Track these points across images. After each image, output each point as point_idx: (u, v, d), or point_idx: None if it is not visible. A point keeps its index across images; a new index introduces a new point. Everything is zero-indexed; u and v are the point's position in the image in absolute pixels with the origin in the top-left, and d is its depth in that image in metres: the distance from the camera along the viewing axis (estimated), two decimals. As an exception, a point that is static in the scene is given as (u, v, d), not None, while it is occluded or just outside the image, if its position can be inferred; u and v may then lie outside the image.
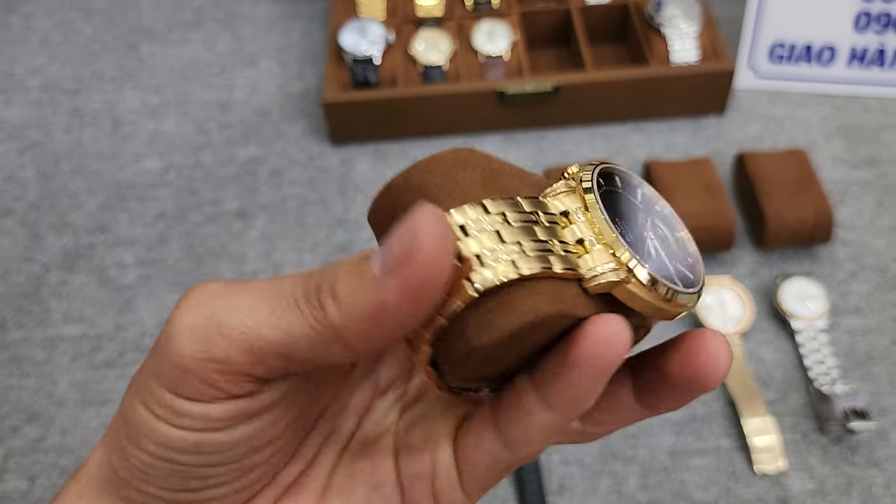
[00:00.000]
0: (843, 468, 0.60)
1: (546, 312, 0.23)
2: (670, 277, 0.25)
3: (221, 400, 0.25)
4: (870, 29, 0.79)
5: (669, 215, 0.28)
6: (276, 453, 0.29)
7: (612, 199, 0.26)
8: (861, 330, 0.66)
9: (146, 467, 0.26)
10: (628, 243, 0.25)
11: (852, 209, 0.74)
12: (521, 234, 0.23)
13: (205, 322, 0.24)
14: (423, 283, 0.21)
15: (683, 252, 0.27)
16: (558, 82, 0.77)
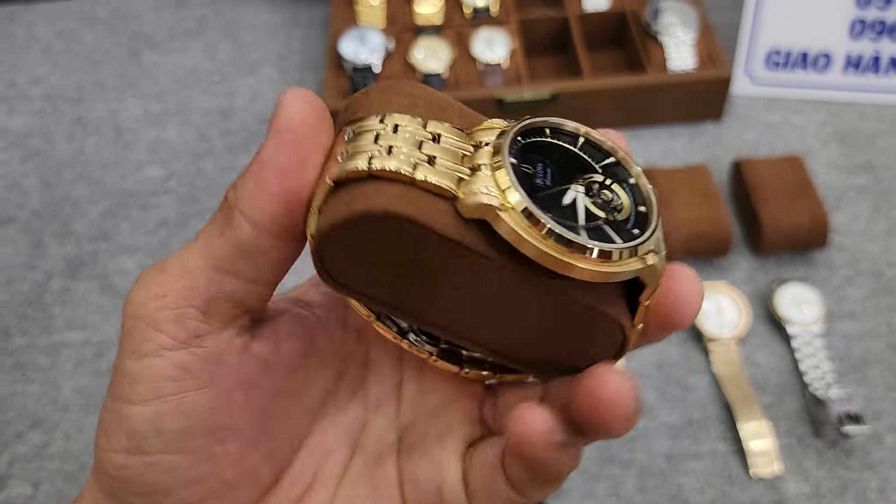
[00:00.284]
0: (838, 472, 0.60)
1: (384, 208, 0.23)
2: (572, 227, 0.23)
3: (166, 350, 0.26)
4: (865, 36, 0.80)
5: (619, 162, 0.27)
6: (244, 452, 0.29)
7: (537, 145, 0.25)
8: (856, 334, 0.67)
9: (121, 469, 0.27)
10: (537, 187, 0.24)
11: (848, 214, 0.74)
12: (408, 143, 0.24)
13: (145, 278, 0.26)
14: (286, 131, 0.24)
15: (628, 201, 0.25)
16: (556, 90, 0.78)
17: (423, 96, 0.26)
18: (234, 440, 0.28)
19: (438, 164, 0.23)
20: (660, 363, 0.66)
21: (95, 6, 1.00)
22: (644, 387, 0.65)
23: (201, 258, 0.26)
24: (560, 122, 0.27)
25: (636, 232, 0.25)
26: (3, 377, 0.68)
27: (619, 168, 0.26)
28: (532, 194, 0.23)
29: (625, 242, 0.24)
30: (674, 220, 0.69)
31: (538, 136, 0.26)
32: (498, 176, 0.23)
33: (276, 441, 0.30)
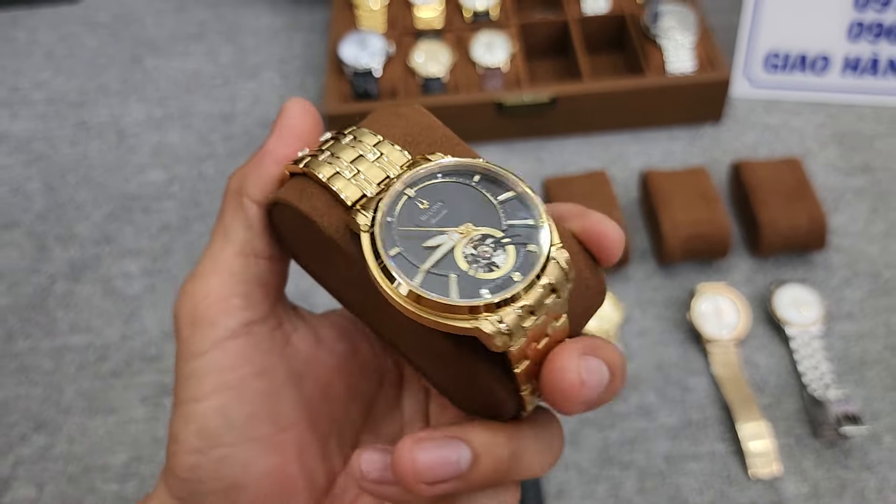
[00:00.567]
0: (837, 472, 0.60)
1: (283, 198, 0.29)
2: (410, 265, 0.26)
3: (222, 341, 0.29)
4: (863, 38, 0.80)
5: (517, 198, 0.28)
6: (302, 448, 0.31)
7: (455, 188, 0.28)
8: (855, 335, 0.67)
9: (194, 470, 0.29)
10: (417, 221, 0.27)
11: (846, 216, 0.75)
12: (350, 155, 0.28)
13: (185, 290, 0.30)
14: (286, 129, 0.31)
15: (508, 266, 0.26)
16: (556, 93, 0.79)
17: (419, 123, 0.30)
18: (293, 431, 0.31)
19: (357, 178, 0.28)
20: (659, 364, 0.66)
21: (98, 11, 1.00)
22: (643, 388, 0.65)
23: (226, 247, 0.30)
24: (494, 172, 0.28)
25: (484, 293, 0.25)
26: (7, 380, 0.69)
27: (531, 231, 0.27)
28: (402, 225, 0.27)
29: (457, 298, 0.25)
30: (673, 222, 0.69)
31: (463, 178, 0.28)
32: (380, 204, 0.27)
33: (327, 443, 0.32)
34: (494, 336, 0.25)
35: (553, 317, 0.26)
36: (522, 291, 0.25)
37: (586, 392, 0.26)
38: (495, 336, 0.25)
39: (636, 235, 0.74)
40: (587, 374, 0.26)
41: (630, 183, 0.78)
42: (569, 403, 0.26)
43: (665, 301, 0.70)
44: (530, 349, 0.26)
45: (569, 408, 0.27)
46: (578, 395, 0.26)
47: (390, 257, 0.26)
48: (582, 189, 0.72)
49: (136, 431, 0.66)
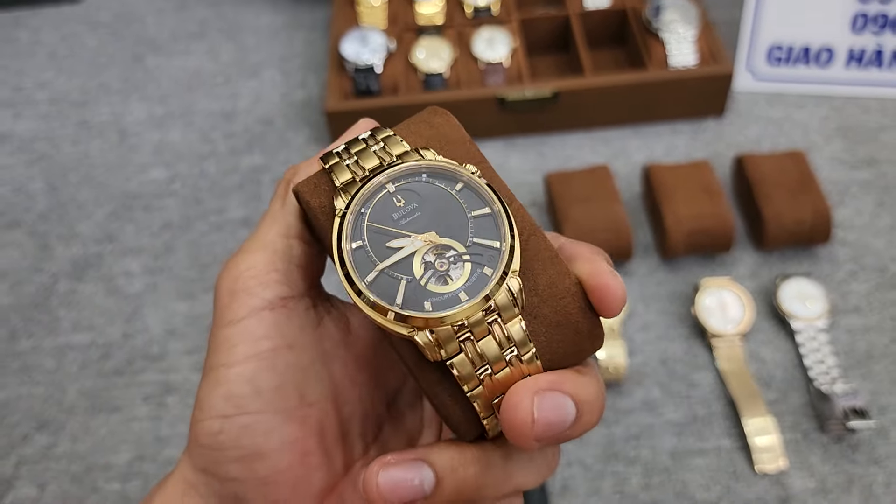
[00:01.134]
0: (844, 466, 0.60)
1: (296, 188, 0.31)
2: (368, 259, 0.28)
3: (259, 311, 0.30)
4: (867, 30, 0.80)
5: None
6: (323, 425, 0.31)
7: (435, 191, 0.29)
8: (861, 329, 0.67)
9: (217, 435, 0.30)
10: (387, 218, 0.28)
11: (851, 209, 0.74)
12: (364, 153, 0.30)
13: (230, 262, 0.32)
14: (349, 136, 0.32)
15: (459, 284, 0.28)
16: (557, 88, 0.78)
17: (447, 136, 0.31)
18: (317, 407, 0.31)
19: (354, 167, 0.29)
20: (664, 360, 0.66)
21: (99, 11, 1.00)
22: (648, 383, 0.65)
23: (272, 228, 0.31)
24: (476, 185, 0.29)
25: (427, 306, 0.27)
26: (10, 379, 0.69)
27: (492, 253, 0.28)
28: (372, 218, 0.28)
29: (394, 303, 0.27)
30: (676, 216, 0.69)
31: (445, 183, 0.29)
32: (359, 193, 0.28)
33: (348, 427, 0.33)
34: (426, 347, 0.26)
35: (501, 340, 0.27)
36: (464, 310, 0.26)
37: (539, 429, 0.27)
38: (427, 347, 0.26)
39: (639, 230, 0.74)
40: (540, 411, 0.27)
41: (633, 178, 0.77)
42: (522, 439, 0.27)
43: (669, 296, 0.70)
44: (486, 377, 0.27)
45: (523, 443, 0.27)
46: (529, 432, 0.27)
47: (352, 249, 0.27)
48: (584, 184, 0.71)
49: (138, 430, 0.65)
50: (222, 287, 0.31)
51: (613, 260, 0.70)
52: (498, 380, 0.27)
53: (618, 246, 0.69)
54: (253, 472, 0.30)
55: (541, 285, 0.29)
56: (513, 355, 0.27)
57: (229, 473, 0.30)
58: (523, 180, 0.79)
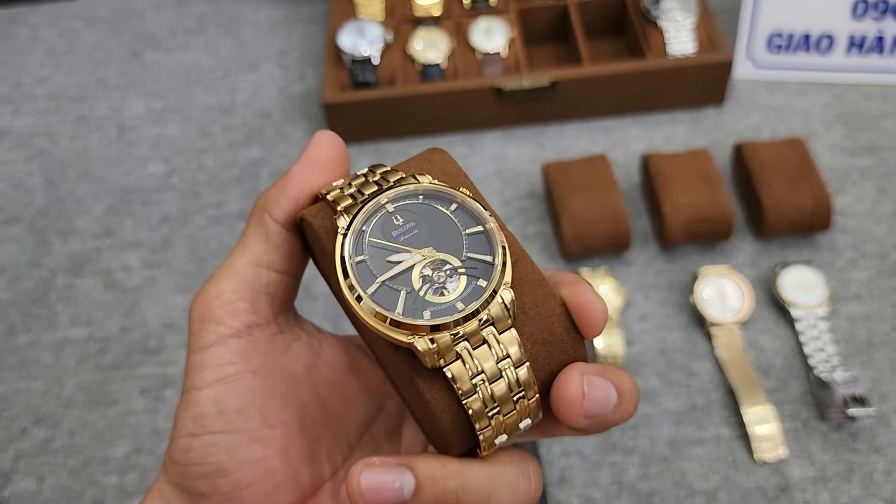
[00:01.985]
0: (844, 455, 0.59)
1: (303, 215, 0.32)
2: (369, 272, 0.29)
3: (226, 339, 0.32)
4: (868, 16, 0.79)
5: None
6: (288, 446, 0.33)
7: (430, 211, 0.31)
8: (861, 317, 0.66)
9: (187, 453, 0.31)
10: (388, 235, 0.30)
11: (852, 196, 0.73)
12: (363, 182, 0.31)
13: (202, 290, 0.33)
14: (312, 157, 0.33)
15: (455, 295, 0.29)
16: (555, 77, 0.78)
17: (444, 170, 0.33)
18: (280, 429, 0.33)
19: (357, 195, 0.31)
20: (662, 349, 0.66)
21: (97, 6, 1.00)
22: (647, 373, 0.64)
23: (242, 256, 0.33)
24: (470, 206, 0.31)
25: (426, 315, 0.28)
26: (8, 374, 0.69)
27: (485, 267, 0.29)
28: (373, 235, 0.30)
29: (395, 311, 0.28)
30: (674, 205, 0.68)
31: (440, 204, 0.31)
32: (360, 212, 0.30)
33: (316, 449, 0.34)
34: (425, 354, 0.27)
35: (496, 348, 0.28)
36: (460, 320, 0.28)
37: (588, 405, 0.29)
38: (426, 354, 0.27)
39: (637, 219, 0.73)
40: (589, 388, 0.29)
41: (632, 167, 0.77)
42: (572, 415, 0.29)
43: (668, 285, 0.69)
44: (482, 385, 0.28)
45: (573, 419, 0.29)
46: (580, 406, 0.29)
47: (354, 263, 0.29)
48: (582, 173, 0.71)
49: (136, 423, 0.65)
50: (194, 314, 0.32)
51: (612, 249, 0.70)
52: (493, 390, 0.28)
53: (616, 235, 0.69)
54: (216, 489, 0.32)
55: (528, 304, 0.30)
56: (510, 371, 0.28)
57: (196, 488, 0.32)
58: (521, 171, 0.78)
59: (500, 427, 0.29)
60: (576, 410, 0.29)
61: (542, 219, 0.75)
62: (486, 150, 0.80)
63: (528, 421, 0.30)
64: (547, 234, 0.73)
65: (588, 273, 0.69)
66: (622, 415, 0.30)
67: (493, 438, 0.29)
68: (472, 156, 0.80)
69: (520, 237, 0.73)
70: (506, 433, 0.29)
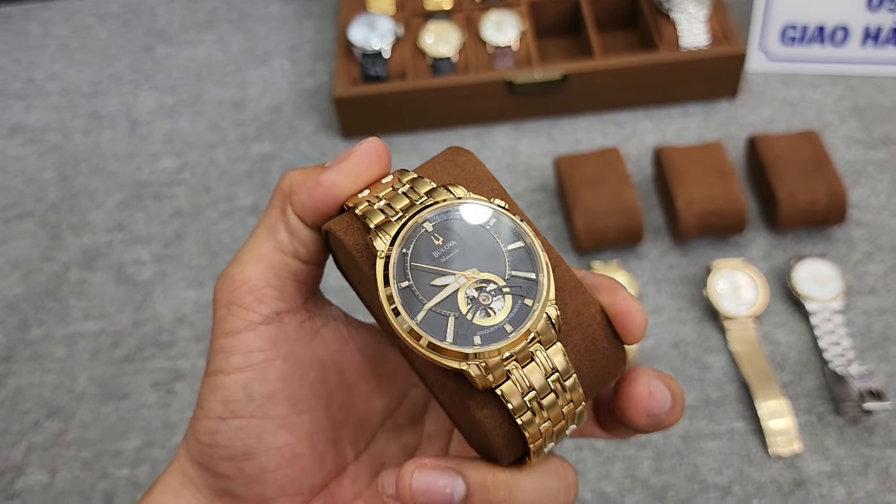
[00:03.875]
0: (860, 449, 0.59)
1: (328, 227, 0.31)
2: (417, 299, 0.28)
3: (255, 325, 0.31)
4: (883, 7, 0.78)
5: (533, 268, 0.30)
6: (314, 431, 0.33)
7: (470, 227, 0.30)
8: (877, 310, 0.65)
9: (213, 434, 0.31)
10: (429, 257, 0.29)
11: (868, 189, 0.73)
12: (392, 195, 0.30)
13: (227, 272, 0.32)
14: (348, 166, 0.31)
15: (502, 317, 0.29)
16: (567, 70, 0.77)
17: (472, 174, 0.32)
18: (308, 415, 0.33)
19: (387, 209, 0.30)
20: (676, 342, 0.65)
21: (110, 2, 1.00)
22: (660, 367, 0.64)
23: (268, 241, 0.32)
24: (510, 219, 0.30)
25: (476, 340, 0.28)
26: (21, 367, 0.69)
27: (529, 284, 0.29)
28: (414, 258, 0.29)
29: (446, 340, 0.28)
30: (687, 198, 0.68)
31: (479, 219, 0.30)
32: (400, 234, 0.29)
33: (341, 432, 0.34)
34: (477, 378, 0.27)
35: (545, 365, 0.28)
36: (511, 343, 0.28)
37: (652, 405, 0.31)
38: (478, 378, 0.27)
39: (650, 213, 0.73)
40: (654, 387, 0.31)
41: (644, 160, 0.77)
42: (637, 413, 0.31)
43: (681, 278, 0.69)
44: (534, 403, 0.28)
45: (637, 417, 0.31)
46: (647, 404, 0.31)
47: (399, 289, 0.28)
48: (594, 166, 0.70)
49: (148, 416, 0.65)
50: (220, 298, 0.32)
51: (624, 243, 0.69)
52: (543, 403, 0.28)
53: (628, 228, 0.68)
54: (241, 471, 0.32)
55: (569, 314, 0.30)
56: (557, 382, 0.28)
57: (221, 470, 0.32)
58: (533, 164, 0.78)
59: (549, 436, 0.29)
60: (641, 409, 0.31)
61: (554, 212, 0.74)
62: (497, 144, 0.80)
63: (573, 426, 0.30)
64: (559, 227, 0.73)
65: (600, 266, 0.69)
66: (673, 418, 0.32)
67: (543, 447, 0.29)
68: (484, 149, 0.80)
69: (531, 231, 0.73)
70: (554, 440, 0.29)
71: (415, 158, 0.80)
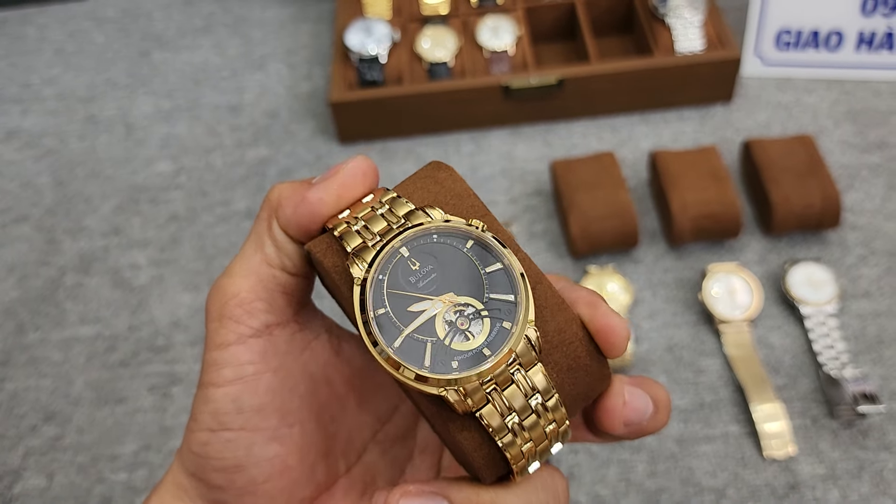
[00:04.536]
0: (854, 452, 0.59)
1: (308, 248, 0.31)
2: (394, 326, 0.28)
3: (246, 339, 0.32)
4: (877, 12, 0.79)
5: (500, 273, 0.30)
6: (305, 444, 0.33)
7: (447, 251, 0.30)
8: (871, 314, 0.66)
9: (204, 446, 0.32)
10: (406, 283, 0.29)
11: (862, 193, 0.73)
12: (368, 216, 0.30)
13: (218, 285, 0.32)
14: (335, 179, 0.31)
15: (481, 340, 0.29)
16: (563, 75, 0.78)
17: (452, 190, 0.32)
18: (298, 427, 0.33)
19: (364, 232, 0.30)
20: (670, 346, 0.65)
21: (106, 7, 1.01)
22: (655, 370, 0.64)
23: (256, 254, 0.32)
24: (486, 242, 0.30)
25: (454, 365, 0.28)
26: (18, 372, 0.69)
27: (508, 307, 0.29)
28: (391, 285, 0.29)
29: (422, 366, 0.28)
30: (682, 202, 0.68)
31: (456, 242, 0.30)
32: (376, 260, 0.29)
33: (332, 445, 0.35)
34: (457, 404, 0.27)
35: (525, 387, 0.28)
36: (490, 368, 0.28)
37: (628, 413, 0.31)
38: (456, 403, 0.27)
39: (646, 217, 0.73)
40: (630, 397, 0.31)
41: (639, 165, 0.77)
42: (613, 422, 0.31)
43: (676, 282, 0.69)
44: (515, 425, 0.28)
45: (613, 426, 0.31)
46: (620, 415, 0.31)
47: (376, 316, 0.28)
48: (589, 171, 0.71)
49: (144, 421, 0.65)
50: (212, 311, 0.32)
51: (620, 247, 0.70)
52: (524, 424, 0.28)
53: (623, 233, 0.69)
54: (232, 482, 0.32)
55: (550, 332, 0.30)
56: (538, 403, 0.28)
57: (213, 481, 0.32)
58: (529, 169, 0.78)
59: (532, 455, 0.29)
60: (616, 418, 0.31)
61: (550, 216, 0.74)
62: (493, 149, 0.80)
63: (558, 445, 0.30)
64: (555, 231, 0.73)
65: (596, 270, 0.69)
66: (657, 425, 0.32)
67: (526, 467, 0.29)
68: (480, 154, 0.80)
69: (527, 235, 0.73)
70: (538, 459, 0.29)
71: (410, 163, 0.80)
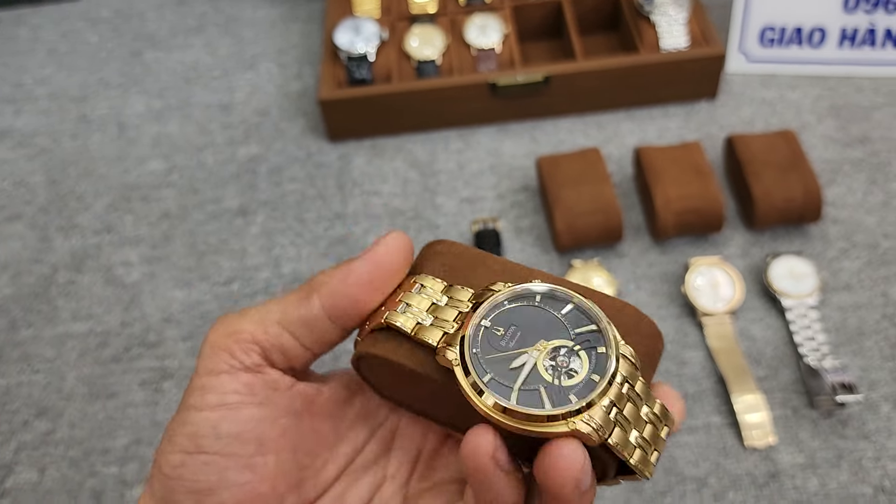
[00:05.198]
0: (834, 441, 0.60)
1: (368, 351, 0.33)
2: (505, 385, 0.29)
3: (236, 370, 0.33)
4: (859, 9, 0.80)
5: (599, 330, 0.31)
6: (278, 473, 0.34)
7: (521, 310, 0.31)
8: (852, 306, 0.67)
9: (178, 468, 0.32)
10: (498, 347, 0.30)
11: (844, 187, 0.74)
12: (423, 303, 0.32)
13: (226, 319, 0.34)
14: (379, 262, 0.33)
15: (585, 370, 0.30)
16: (549, 72, 0.78)
17: (452, 253, 0.34)
18: (273, 457, 0.34)
19: (437, 322, 0.31)
20: (654, 339, 0.66)
21: (99, 7, 1.02)
22: (639, 363, 0.65)
23: (277, 316, 0.34)
24: (550, 289, 0.32)
25: (572, 398, 0.29)
26: (10, 368, 0.70)
27: (595, 335, 0.31)
28: (485, 354, 0.30)
29: (546, 407, 0.29)
30: (665, 197, 0.69)
31: (526, 301, 0.32)
32: (465, 338, 0.30)
33: (305, 475, 0.35)
34: (590, 434, 0.28)
35: (637, 401, 0.30)
36: (604, 389, 0.29)
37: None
38: (591, 434, 0.28)
39: (630, 212, 0.74)
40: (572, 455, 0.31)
41: (625, 161, 0.78)
42: None
43: (660, 276, 0.70)
44: (639, 440, 0.30)
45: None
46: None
47: (486, 384, 0.29)
48: (575, 167, 0.72)
49: (135, 415, 0.66)
50: (210, 338, 0.34)
51: (605, 241, 0.71)
52: (646, 437, 0.30)
53: (608, 228, 0.70)
54: None
55: (624, 328, 0.32)
56: (647, 411, 0.30)
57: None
58: (516, 165, 0.79)
59: (657, 455, 0.31)
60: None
61: (537, 212, 0.75)
62: (480, 145, 0.81)
63: (666, 429, 0.31)
64: (541, 226, 0.74)
65: (581, 265, 0.70)
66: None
67: (654, 465, 0.31)
68: (468, 151, 0.81)
69: (514, 230, 0.74)
70: (658, 452, 0.31)
71: (400, 160, 0.81)
